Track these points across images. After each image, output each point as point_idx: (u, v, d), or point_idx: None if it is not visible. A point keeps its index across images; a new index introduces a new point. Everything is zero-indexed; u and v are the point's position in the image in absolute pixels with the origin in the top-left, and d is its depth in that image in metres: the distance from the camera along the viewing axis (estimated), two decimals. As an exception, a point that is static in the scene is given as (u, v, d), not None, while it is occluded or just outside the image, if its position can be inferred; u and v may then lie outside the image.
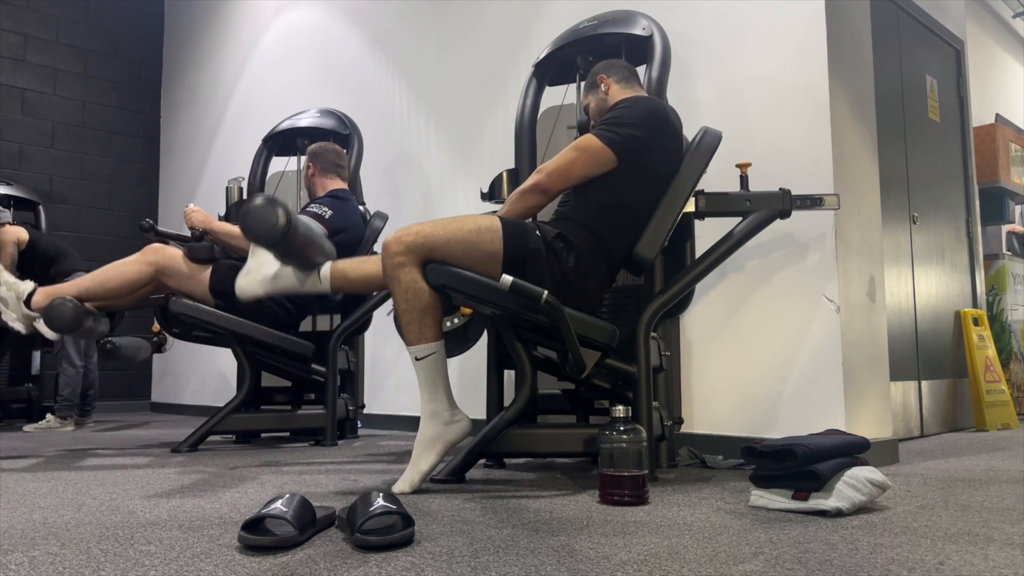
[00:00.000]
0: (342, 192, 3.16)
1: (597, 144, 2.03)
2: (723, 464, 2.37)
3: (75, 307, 2.62)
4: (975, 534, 1.39)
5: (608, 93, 2.25)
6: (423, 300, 1.91)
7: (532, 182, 2.06)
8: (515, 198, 2.08)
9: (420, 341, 1.92)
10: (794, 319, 2.50)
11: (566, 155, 2.04)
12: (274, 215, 1.92)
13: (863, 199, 2.62)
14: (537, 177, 2.05)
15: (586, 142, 2.04)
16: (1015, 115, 5.65)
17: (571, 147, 2.05)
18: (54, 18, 5.67)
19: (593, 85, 2.29)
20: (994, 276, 4.51)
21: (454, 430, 1.95)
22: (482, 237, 1.94)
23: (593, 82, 2.29)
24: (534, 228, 2.01)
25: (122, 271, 2.77)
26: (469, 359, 3.59)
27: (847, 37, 2.63)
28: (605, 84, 2.26)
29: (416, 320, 1.92)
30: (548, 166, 2.05)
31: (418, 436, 1.94)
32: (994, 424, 3.76)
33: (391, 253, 1.91)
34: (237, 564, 1.17)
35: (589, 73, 2.34)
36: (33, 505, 1.70)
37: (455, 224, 1.95)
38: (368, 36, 4.35)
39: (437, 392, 1.94)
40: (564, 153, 2.05)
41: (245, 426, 3.00)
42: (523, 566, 1.15)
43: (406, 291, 1.91)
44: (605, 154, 2.03)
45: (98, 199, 5.79)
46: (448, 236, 1.92)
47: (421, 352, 1.92)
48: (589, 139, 2.04)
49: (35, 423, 4.08)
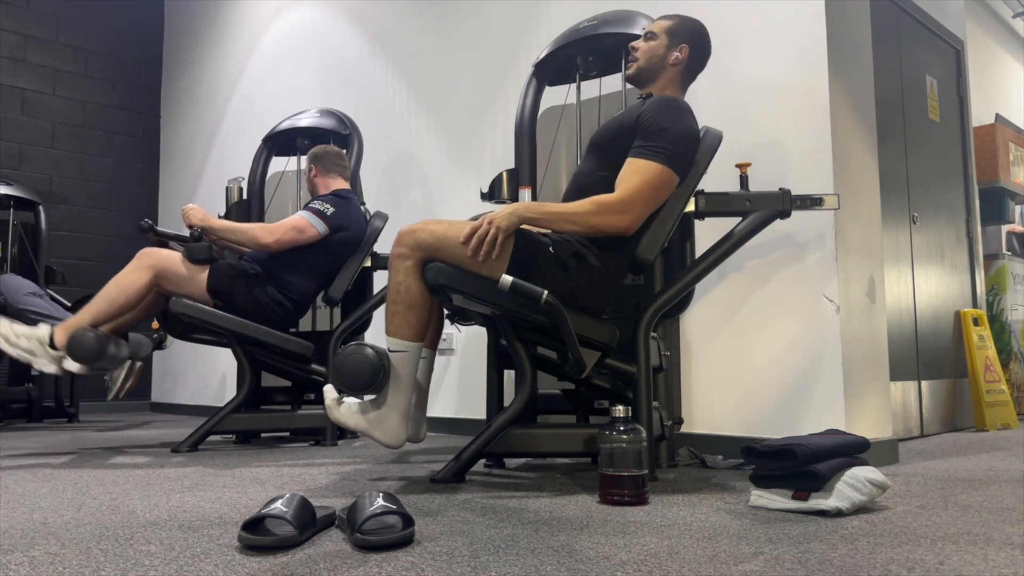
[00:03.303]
0: (344, 192, 3.17)
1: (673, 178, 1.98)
2: (723, 464, 2.37)
3: (96, 336, 2.65)
4: (975, 534, 1.39)
5: (670, 66, 2.13)
6: (412, 297, 1.92)
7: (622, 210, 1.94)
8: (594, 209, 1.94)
9: (396, 335, 1.94)
10: (794, 319, 2.50)
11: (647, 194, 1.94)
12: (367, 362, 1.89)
13: (863, 199, 2.62)
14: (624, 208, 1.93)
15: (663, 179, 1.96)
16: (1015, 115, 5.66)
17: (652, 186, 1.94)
18: (54, 18, 5.67)
19: (677, 36, 2.13)
20: (994, 276, 4.51)
21: (381, 429, 1.92)
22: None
23: (679, 34, 2.13)
24: (547, 243, 1.98)
25: (125, 283, 2.78)
26: (469, 359, 3.59)
27: (847, 37, 2.63)
28: (679, 56, 2.12)
29: (400, 313, 1.93)
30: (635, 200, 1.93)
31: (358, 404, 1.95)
32: (994, 424, 3.76)
33: (400, 243, 1.93)
34: (237, 564, 1.17)
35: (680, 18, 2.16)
36: (33, 505, 1.70)
37: (455, 230, 1.93)
38: (368, 36, 4.35)
39: (395, 389, 1.93)
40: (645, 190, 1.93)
41: (245, 426, 3.00)
42: (523, 566, 1.15)
43: (399, 284, 1.93)
44: (675, 181, 2.00)
45: (98, 199, 5.79)
46: (457, 240, 1.91)
47: (393, 346, 1.93)
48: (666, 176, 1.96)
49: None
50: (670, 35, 2.14)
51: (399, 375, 1.93)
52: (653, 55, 2.13)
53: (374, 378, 1.89)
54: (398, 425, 1.94)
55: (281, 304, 2.98)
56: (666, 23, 2.16)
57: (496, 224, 1.88)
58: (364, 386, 1.89)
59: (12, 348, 2.63)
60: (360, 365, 1.88)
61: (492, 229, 1.88)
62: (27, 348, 2.64)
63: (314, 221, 2.99)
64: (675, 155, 1.96)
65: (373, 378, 1.89)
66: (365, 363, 1.88)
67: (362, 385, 1.89)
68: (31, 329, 2.66)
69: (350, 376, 1.89)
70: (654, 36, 2.15)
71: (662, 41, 2.13)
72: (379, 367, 1.89)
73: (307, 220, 2.99)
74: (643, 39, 2.17)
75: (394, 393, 1.94)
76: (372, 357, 1.88)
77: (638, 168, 1.95)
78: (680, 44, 2.13)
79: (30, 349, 2.64)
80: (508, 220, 1.89)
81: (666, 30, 2.14)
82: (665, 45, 2.13)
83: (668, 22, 2.16)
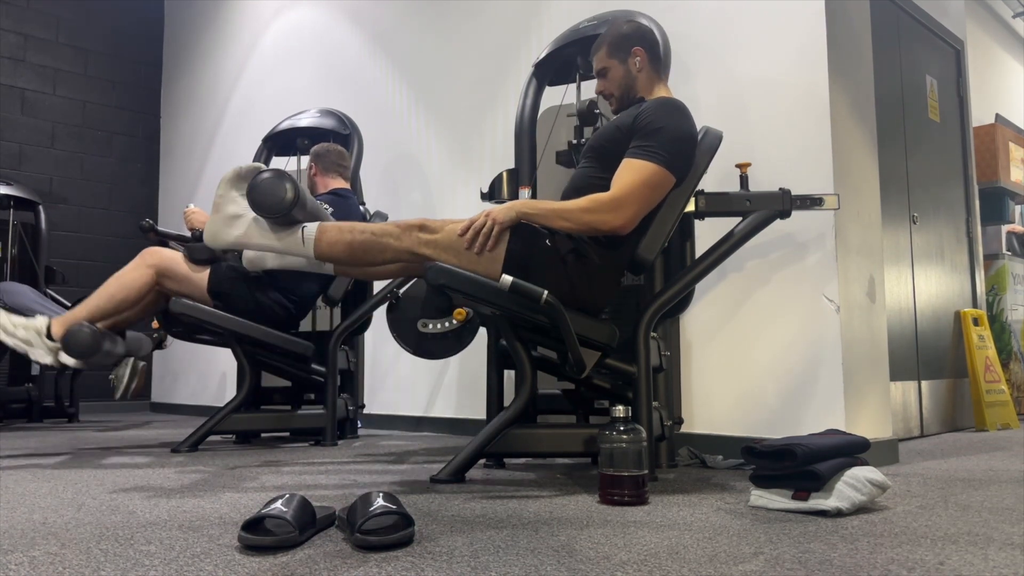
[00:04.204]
0: (343, 191, 3.17)
1: (669, 178, 1.98)
2: (723, 464, 2.37)
3: (92, 331, 2.64)
4: (975, 534, 1.39)
5: (639, 73, 2.14)
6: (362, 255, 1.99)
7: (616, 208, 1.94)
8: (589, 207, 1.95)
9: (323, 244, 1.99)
10: (794, 319, 2.50)
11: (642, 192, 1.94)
12: (282, 188, 1.96)
13: (863, 199, 2.62)
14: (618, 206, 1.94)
15: (657, 178, 1.95)
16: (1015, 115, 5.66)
17: (646, 184, 1.94)
18: (54, 18, 5.67)
19: (622, 49, 2.14)
20: (994, 276, 4.51)
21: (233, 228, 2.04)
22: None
23: (624, 46, 2.14)
24: (545, 235, 1.99)
25: (125, 280, 2.77)
26: (469, 359, 3.59)
27: (847, 37, 2.63)
28: (639, 60, 2.14)
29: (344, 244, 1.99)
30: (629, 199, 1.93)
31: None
32: (994, 424, 3.76)
33: (412, 224, 1.98)
34: (237, 564, 1.17)
35: (610, 34, 2.16)
36: (33, 505, 1.70)
37: (463, 225, 1.97)
38: (368, 36, 4.35)
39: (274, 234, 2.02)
40: (639, 188, 1.93)
41: (245, 426, 3.00)
42: (523, 566, 1.15)
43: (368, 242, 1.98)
44: (670, 182, 2.00)
45: (98, 199, 5.79)
46: (454, 232, 1.95)
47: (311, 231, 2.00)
48: (661, 175, 1.96)
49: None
50: (616, 54, 2.16)
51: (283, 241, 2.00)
52: (621, 82, 2.16)
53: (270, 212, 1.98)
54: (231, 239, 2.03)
55: (283, 306, 2.98)
56: (603, 50, 2.18)
57: (493, 217, 1.92)
58: (270, 209, 1.98)
59: (9, 338, 2.62)
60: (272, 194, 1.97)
61: (489, 221, 1.92)
62: (24, 338, 2.63)
63: None
64: (670, 155, 1.96)
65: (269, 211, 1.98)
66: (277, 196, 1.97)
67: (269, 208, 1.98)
68: (29, 320, 2.65)
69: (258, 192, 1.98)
70: (605, 71, 2.18)
71: (615, 65, 2.16)
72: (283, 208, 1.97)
73: None
74: (599, 79, 2.20)
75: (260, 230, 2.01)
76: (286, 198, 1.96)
77: (633, 167, 1.96)
78: (631, 50, 2.15)
79: (27, 339, 2.64)
80: (505, 214, 1.93)
81: (608, 55, 2.17)
82: (620, 65, 2.16)
83: (604, 48, 2.18)
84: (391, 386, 3.97)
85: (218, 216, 2.07)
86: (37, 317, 2.67)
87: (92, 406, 5.54)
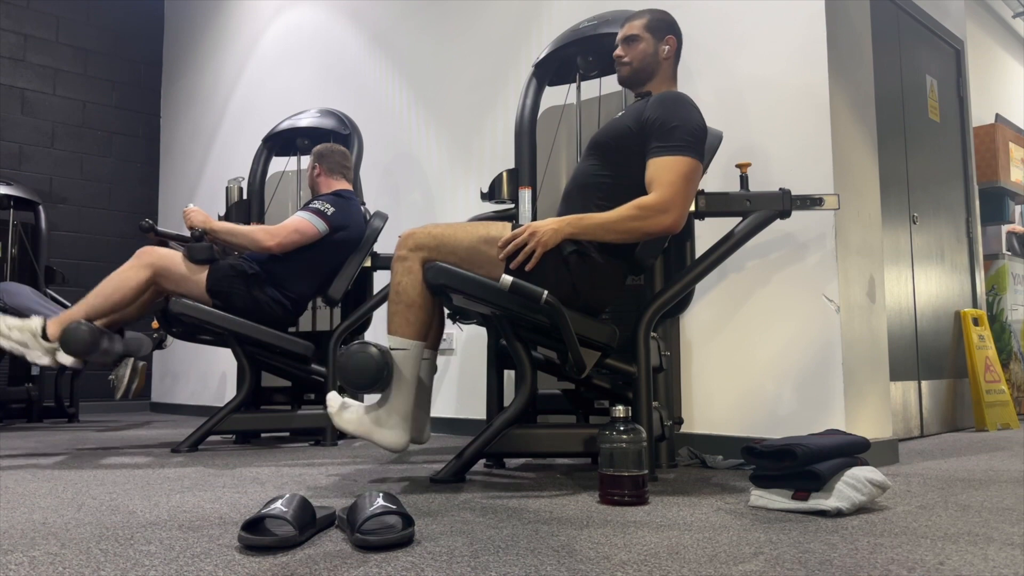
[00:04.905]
0: (345, 192, 3.17)
1: (700, 167, 1.97)
2: (723, 464, 2.37)
3: (90, 329, 2.63)
4: (975, 534, 1.39)
5: (662, 61, 2.13)
6: (410, 296, 1.95)
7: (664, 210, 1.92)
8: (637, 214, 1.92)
9: (396, 333, 1.96)
10: (794, 319, 2.50)
11: (682, 186, 1.92)
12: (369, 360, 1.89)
13: (863, 199, 2.62)
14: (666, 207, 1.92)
15: (692, 170, 1.95)
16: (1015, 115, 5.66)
17: (684, 178, 1.92)
18: (54, 18, 5.67)
19: (660, 30, 2.13)
20: (994, 276, 4.51)
21: (383, 432, 1.94)
22: (489, 244, 1.95)
23: (662, 28, 2.13)
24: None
25: (121, 279, 2.77)
26: (469, 359, 3.59)
27: (847, 37, 2.63)
28: (668, 49, 2.13)
29: (400, 312, 1.96)
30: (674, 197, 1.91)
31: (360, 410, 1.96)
32: (994, 424, 3.76)
33: (400, 245, 1.98)
34: (237, 564, 1.17)
35: (653, 12, 2.14)
36: (33, 505, 1.70)
37: (466, 230, 1.98)
38: (368, 36, 4.35)
39: (397, 390, 1.95)
40: (679, 184, 1.92)
41: (245, 426, 3.00)
42: (523, 566, 1.15)
43: (398, 284, 1.96)
44: (700, 169, 1.99)
45: (98, 199, 5.79)
46: (456, 241, 1.95)
47: (395, 344, 1.95)
48: (694, 166, 1.95)
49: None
50: (653, 32, 2.14)
51: (401, 374, 1.94)
52: (645, 56, 2.14)
53: (378, 376, 1.89)
54: (400, 427, 1.95)
55: (280, 304, 2.98)
56: (642, 21, 2.15)
57: (538, 239, 1.91)
58: (368, 384, 1.89)
59: (4, 340, 2.61)
60: (364, 363, 1.88)
61: (533, 243, 1.91)
62: (19, 340, 2.63)
63: (314, 220, 2.99)
64: (694, 144, 1.97)
65: (377, 376, 1.89)
66: (369, 361, 1.88)
67: (366, 383, 1.89)
68: (24, 321, 2.64)
69: (354, 374, 1.88)
70: (637, 39, 2.14)
71: (648, 40, 2.14)
72: (383, 364, 1.89)
73: (307, 220, 2.99)
74: (624, 44, 2.16)
75: (396, 394, 1.95)
76: (375, 355, 1.89)
77: (666, 166, 1.94)
78: (666, 36, 2.14)
79: (22, 341, 2.63)
80: (552, 237, 1.92)
81: (646, 28, 2.14)
82: (653, 43, 2.14)
83: (644, 19, 2.15)
84: (391, 386, 3.97)
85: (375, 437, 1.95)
86: (32, 318, 2.67)
87: (92, 406, 5.54)
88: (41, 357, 2.65)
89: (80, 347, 2.61)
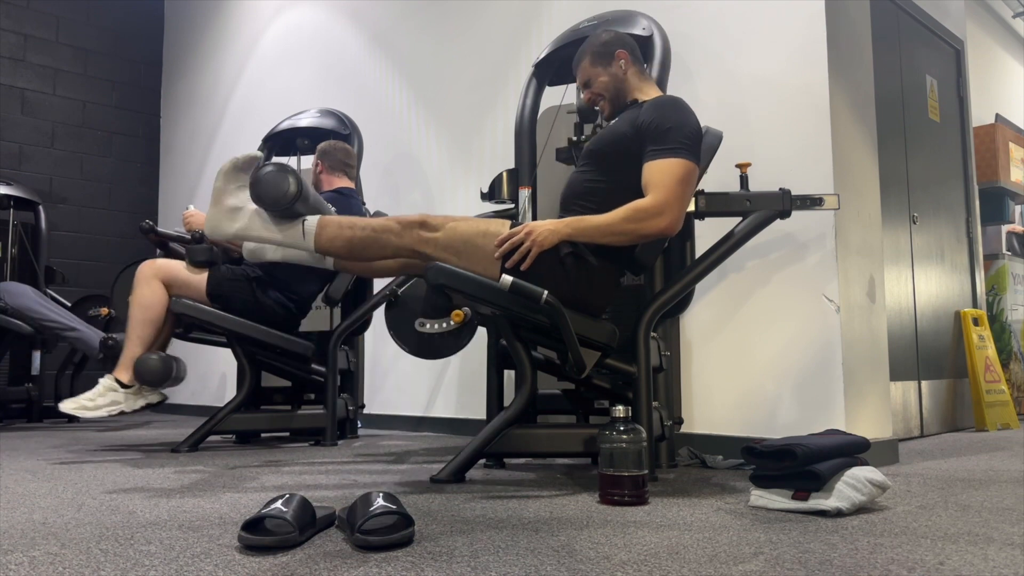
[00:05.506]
0: (347, 190, 3.18)
1: (695, 169, 1.98)
2: (723, 464, 2.37)
3: (157, 357, 2.71)
4: (975, 534, 1.39)
5: (626, 75, 2.15)
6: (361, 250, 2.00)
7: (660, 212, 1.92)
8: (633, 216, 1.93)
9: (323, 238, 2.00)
10: (794, 319, 2.50)
11: (678, 189, 1.92)
12: (285, 181, 1.97)
13: (863, 199, 2.62)
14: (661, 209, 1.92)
15: (688, 172, 1.95)
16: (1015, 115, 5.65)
17: (680, 181, 1.92)
18: (54, 18, 5.67)
19: (605, 56, 2.16)
20: (994, 276, 4.51)
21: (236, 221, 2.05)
22: (487, 238, 1.95)
23: (607, 53, 2.16)
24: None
25: (143, 302, 2.79)
26: (469, 359, 3.59)
27: (847, 37, 2.63)
28: (624, 63, 2.16)
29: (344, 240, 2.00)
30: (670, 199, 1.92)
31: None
32: (994, 424, 3.76)
33: (411, 226, 1.99)
34: (237, 564, 1.17)
35: (590, 44, 2.19)
36: (33, 505, 1.70)
37: (467, 221, 1.99)
38: (368, 36, 4.35)
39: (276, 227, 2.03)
40: (675, 187, 1.92)
41: (245, 426, 3.00)
42: (523, 566, 1.15)
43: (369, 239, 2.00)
44: (696, 171, 2.00)
45: (98, 199, 5.79)
46: (456, 231, 1.97)
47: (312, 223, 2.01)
48: (690, 168, 1.95)
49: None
50: (598, 63, 2.17)
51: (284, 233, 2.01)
52: (609, 86, 2.16)
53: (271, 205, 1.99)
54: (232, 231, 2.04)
55: (284, 306, 2.99)
56: (586, 61, 2.19)
57: (535, 238, 1.92)
58: (273, 202, 1.99)
59: (97, 412, 2.67)
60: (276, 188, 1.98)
61: (528, 242, 1.92)
62: (108, 403, 2.70)
63: None
64: (689, 147, 1.97)
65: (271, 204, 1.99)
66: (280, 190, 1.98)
67: (261, 198, 1.99)
68: (95, 389, 2.71)
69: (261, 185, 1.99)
70: (591, 80, 2.18)
71: (599, 72, 2.16)
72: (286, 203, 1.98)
73: None
74: (585, 90, 2.20)
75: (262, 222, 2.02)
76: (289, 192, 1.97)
77: (662, 168, 1.94)
78: (613, 56, 2.16)
79: (112, 401, 2.70)
80: (548, 238, 1.93)
81: (591, 63, 2.18)
82: (605, 71, 2.16)
83: (586, 59, 2.19)
84: (391, 386, 3.97)
85: (218, 208, 2.07)
86: (98, 382, 2.73)
87: (92, 406, 5.53)
88: (135, 403, 2.73)
89: (157, 375, 2.70)
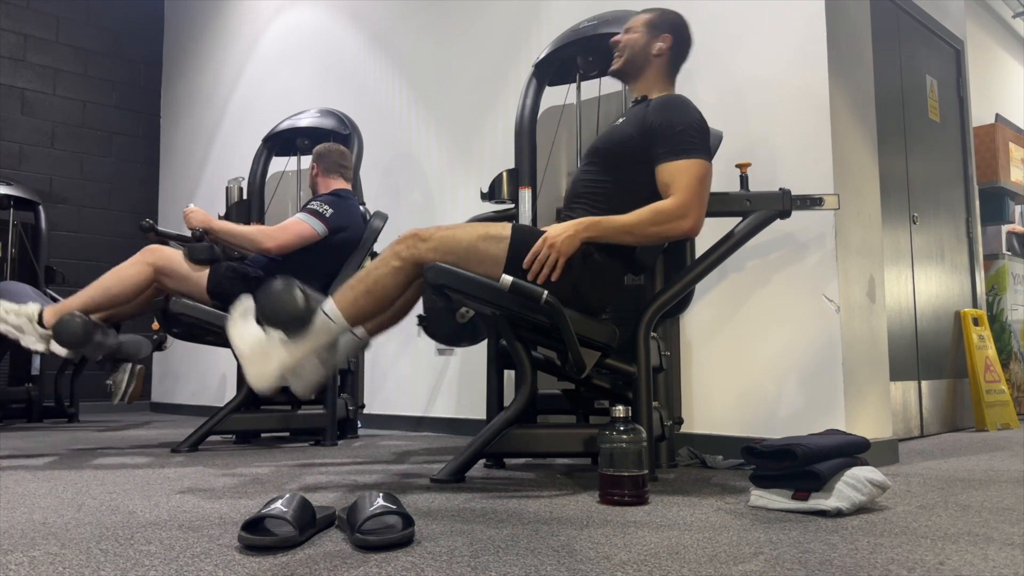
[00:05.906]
0: (344, 191, 3.17)
1: (710, 167, 1.98)
2: (723, 464, 2.37)
3: (84, 322, 2.62)
4: (975, 534, 1.39)
5: (654, 58, 2.12)
6: (380, 288, 1.91)
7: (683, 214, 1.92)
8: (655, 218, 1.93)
9: (338, 304, 1.90)
10: (794, 319, 2.50)
11: (698, 188, 1.93)
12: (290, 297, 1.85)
13: (863, 199, 2.62)
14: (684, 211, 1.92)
15: (706, 171, 1.96)
16: (1015, 115, 5.65)
17: (699, 180, 1.93)
18: (54, 18, 5.67)
19: (657, 28, 2.12)
20: (994, 276, 4.51)
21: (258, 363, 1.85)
22: (487, 243, 1.94)
23: (659, 27, 2.12)
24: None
25: (123, 275, 2.77)
26: (469, 359, 3.59)
27: (847, 37, 2.63)
28: (662, 47, 2.11)
29: (361, 295, 1.91)
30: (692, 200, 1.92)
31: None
32: (994, 424, 3.76)
33: (403, 241, 1.93)
34: (237, 564, 1.17)
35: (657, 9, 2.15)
36: (33, 505, 1.70)
37: (465, 229, 1.96)
38: (368, 36, 4.35)
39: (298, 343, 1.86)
40: (695, 186, 1.92)
41: (245, 426, 3.00)
42: (523, 566, 1.15)
43: (376, 271, 1.92)
44: (711, 168, 1.99)
45: (98, 199, 5.79)
46: (455, 240, 1.92)
47: (330, 311, 1.89)
48: (707, 167, 1.96)
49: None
50: (650, 27, 2.14)
51: (315, 336, 1.87)
52: (635, 47, 2.13)
53: (291, 321, 1.84)
54: (274, 370, 1.86)
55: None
56: (644, 16, 2.16)
57: (557, 249, 1.91)
58: (280, 322, 1.84)
59: (0, 324, 2.61)
60: (285, 304, 1.83)
61: (553, 254, 1.91)
62: (15, 324, 2.62)
63: (312, 222, 2.99)
64: (702, 144, 1.97)
65: (291, 321, 1.84)
66: (291, 304, 1.83)
67: (278, 321, 1.84)
68: (21, 306, 2.64)
69: (270, 308, 1.84)
70: (632, 30, 2.16)
71: (642, 34, 2.14)
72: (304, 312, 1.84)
73: (305, 222, 2.98)
74: (623, 33, 2.17)
75: (294, 345, 1.86)
76: (300, 302, 1.83)
77: (679, 169, 1.94)
78: (661, 35, 2.13)
79: (18, 325, 2.62)
80: (569, 244, 1.91)
81: (645, 23, 2.15)
82: (646, 37, 2.13)
83: (647, 15, 2.17)
84: (391, 386, 3.97)
85: (249, 363, 1.89)
86: (29, 304, 2.66)
87: (92, 406, 5.54)
88: (36, 343, 2.64)
89: (72, 338, 2.60)
